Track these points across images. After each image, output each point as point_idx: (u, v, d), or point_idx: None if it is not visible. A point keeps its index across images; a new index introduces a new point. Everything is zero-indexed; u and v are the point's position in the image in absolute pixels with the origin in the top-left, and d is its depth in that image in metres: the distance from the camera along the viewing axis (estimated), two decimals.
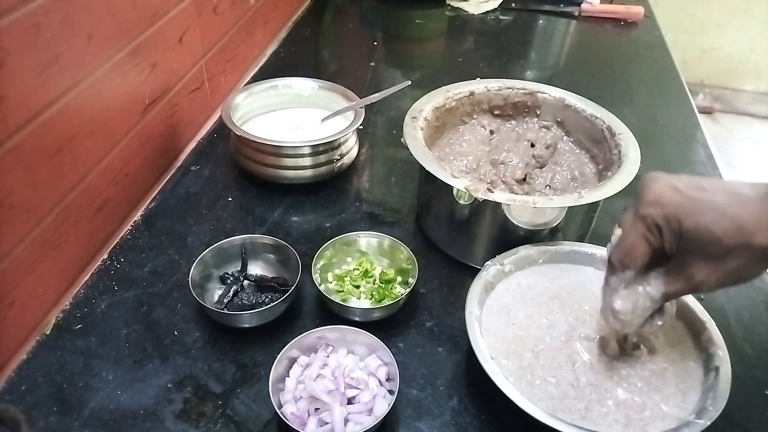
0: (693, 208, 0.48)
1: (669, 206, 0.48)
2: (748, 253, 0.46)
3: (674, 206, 0.48)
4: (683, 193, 0.48)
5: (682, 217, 0.48)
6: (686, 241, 0.48)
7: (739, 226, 0.46)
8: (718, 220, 0.47)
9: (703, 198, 0.48)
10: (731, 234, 0.46)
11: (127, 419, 0.58)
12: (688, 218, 0.48)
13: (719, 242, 0.47)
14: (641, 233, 0.51)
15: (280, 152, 0.83)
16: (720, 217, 0.47)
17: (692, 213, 0.48)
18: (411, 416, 0.59)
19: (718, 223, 0.46)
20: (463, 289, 0.65)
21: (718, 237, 0.47)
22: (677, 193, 0.48)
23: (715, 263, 0.48)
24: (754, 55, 2.82)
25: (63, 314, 0.68)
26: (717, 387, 0.54)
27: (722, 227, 0.46)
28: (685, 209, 0.48)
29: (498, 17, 1.45)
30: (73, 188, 0.69)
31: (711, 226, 0.47)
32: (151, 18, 0.80)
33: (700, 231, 0.47)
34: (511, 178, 0.76)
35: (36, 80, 0.60)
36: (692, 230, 0.48)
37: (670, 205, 0.48)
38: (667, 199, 0.49)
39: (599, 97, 0.85)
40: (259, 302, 0.67)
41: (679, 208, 0.48)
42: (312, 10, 1.45)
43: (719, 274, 0.48)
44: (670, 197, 0.49)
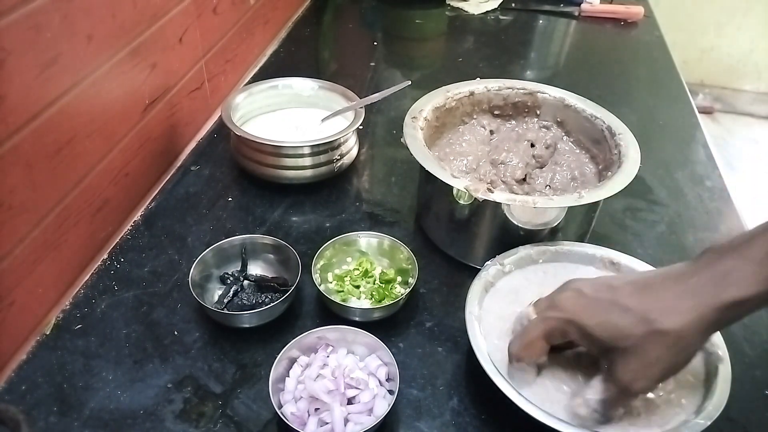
0: (596, 309, 0.49)
1: (571, 311, 0.50)
2: (661, 340, 0.47)
3: (577, 312, 0.50)
4: (587, 297, 0.50)
5: (584, 319, 0.49)
6: (598, 340, 0.49)
7: (642, 316, 0.47)
8: (622, 314, 0.48)
9: (606, 298, 0.49)
10: (635, 325, 0.47)
11: (127, 419, 0.58)
12: (590, 319, 0.49)
13: (628, 334, 0.47)
14: (541, 333, 0.52)
15: (280, 152, 0.83)
16: (623, 311, 0.48)
17: (595, 314, 0.49)
18: (411, 416, 0.59)
19: (621, 318, 0.48)
20: (463, 289, 0.65)
21: (624, 330, 0.47)
22: (582, 298, 0.50)
23: (636, 359, 0.48)
24: (754, 55, 2.82)
25: (63, 314, 0.68)
26: (717, 387, 0.54)
27: (626, 320, 0.47)
28: (588, 311, 0.49)
29: (498, 17, 1.45)
30: (73, 188, 0.69)
31: (615, 321, 0.48)
32: (151, 18, 0.80)
33: (605, 327, 0.48)
34: (511, 178, 0.76)
35: (36, 80, 0.60)
36: (597, 328, 0.49)
37: (573, 310, 0.50)
38: (571, 304, 0.51)
39: (599, 97, 0.85)
40: (259, 302, 0.67)
41: (582, 313, 0.50)
42: (312, 10, 1.45)
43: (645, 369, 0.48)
44: (573, 302, 0.51)
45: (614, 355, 0.49)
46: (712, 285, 0.46)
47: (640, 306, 0.47)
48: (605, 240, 0.77)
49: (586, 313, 0.50)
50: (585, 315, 0.49)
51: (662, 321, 0.46)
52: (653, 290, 0.48)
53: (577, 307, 0.50)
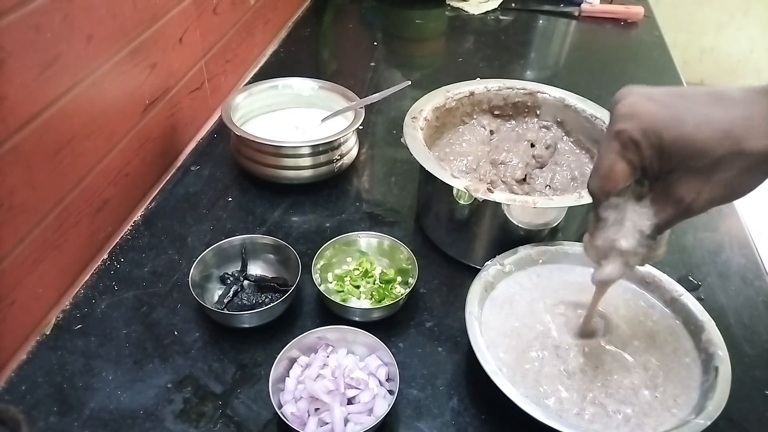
0: (672, 117, 0.42)
1: (645, 118, 0.43)
2: (739, 162, 0.41)
3: (651, 118, 0.43)
4: (660, 102, 0.43)
5: (661, 129, 0.42)
6: (668, 156, 0.43)
7: (726, 132, 0.41)
8: (702, 127, 0.41)
9: (683, 105, 0.42)
10: (718, 142, 0.41)
11: (127, 419, 0.58)
12: (667, 129, 0.42)
13: (705, 153, 0.41)
14: (617, 152, 0.45)
15: (280, 152, 0.83)
16: (704, 124, 0.41)
17: (672, 123, 0.42)
18: (411, 416, 0.59)
19: (702, 131, 0.41)
20: (463, 289, 0.65)
21: (703, 147, 0.41)
22: (653, 102, 0.43)
23: (703, 178, 0.42)
24: (754, 55, 2.82)
25: (63, 314, 0.68)
26: (717, 387, 0.54)
27: (707, 135, 0.41)
28: (664, 120, 0.42)
29: (498, 17, 1.45)
30: (73, 188, 0.69)
31: (694, 135, 0.41)
32: (151, 18, 0.80)
33: (683, 142, 0.42)
34: (511, 178, 0.76)
35: (36, 80, 0.60)
36: (674, 142, 0.42)
37: (647, 116, 0.43)
38: (643, 110, 0.43)
39: (599, 97, 0.85)
40: (259, 302, 0.67)
41: (656, 120, 0.43)
42: (312, 10, 1.45)
43: (710, 189, 0.43)
44: (645, 108, 0.43)
45: (679, 173, 0.44)
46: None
47: (725, 119, 0.41)
48: None
49: (660, 121, 0.42)
50: (660, 124, 0.42)
51: (749, 141, 0.40)
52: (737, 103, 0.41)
53: (650, 112, 0.43)
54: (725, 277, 0.76)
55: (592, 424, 0.53)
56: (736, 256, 0.79)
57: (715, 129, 0.41)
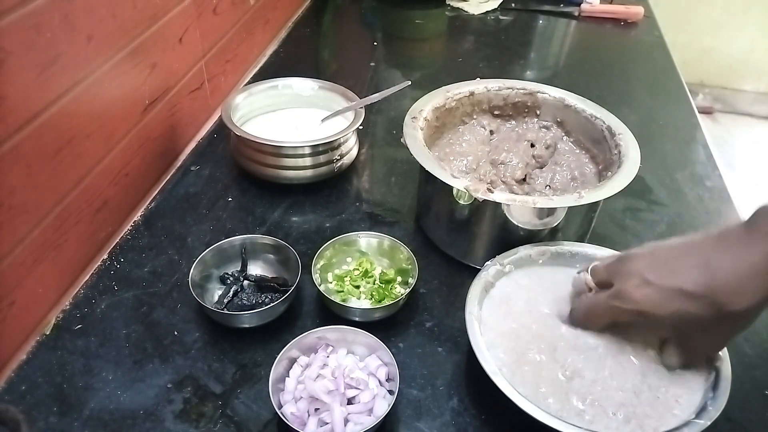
0: (664, 300, 0.51)
1: (640, 303, 0.52)
2: (729, 320, 0.51)
3: (645, 302, 0.52)
4: (653, 286, 0.52)
5: (656, 311, 0.52)
6: (671, 328, 0.55)
7: (711, 301, 0.49)
8: (691, 302, 0.50)
9: (672, 286, 0.51)
10: (706, 309, 0.50)
11: (127, 419, 0.58)
12: (661, 310, 0.52)
13: (700, 321, 0.51)
14: (609, 316, 0.57)
15: (280, 152, 0.83)
16: (692, 299, 0.50)
17: (664, 305, 0.51)
18: (411, 416, 0.59)
19: (691, 305, 0.50)
20: (463, 289, 0.65)
21: (695, 317, 0.50)
22: (647, 287, 0.52)
23: (709, 336, 0.54)
24: (754, 55, 2.82)
25: (63, 314, 0.68)
26: (717, 387, 0.54)
27: (696, 307, 0.50)
28: (657, 303, 0.52)
29: (498, 17, 1.45)
30: (73, 188, 0.69)
31: (685, 309, 0.51)
32: (151, 18, 0.80)
33: (677, 317, 0.51)
34: (511, 178, 0.76)
35: (36, 80, 0.60)
36: (669, 318, 0.52)
37: (641, 302, 0.52)
38: (639, 296, 0.52)
39: (599, 97, 0.85)
40: (259, 302, 0.67)
41: (650, 304, 0.52)
42: (312, 10, 1.45)
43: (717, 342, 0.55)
44: (641, 294, 0.52)
45: (686, 336, 0.55)
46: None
47: (707, 291, 0.49)
48: (605, 240, 0.77)
49: (654, 305, 0.52)
50: (654, 307, 0.52)
51: (730, 304, 0.49)
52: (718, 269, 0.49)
53: (644, 299, 0.52)
54: None
55: (593, 424, 0.53)
56: None
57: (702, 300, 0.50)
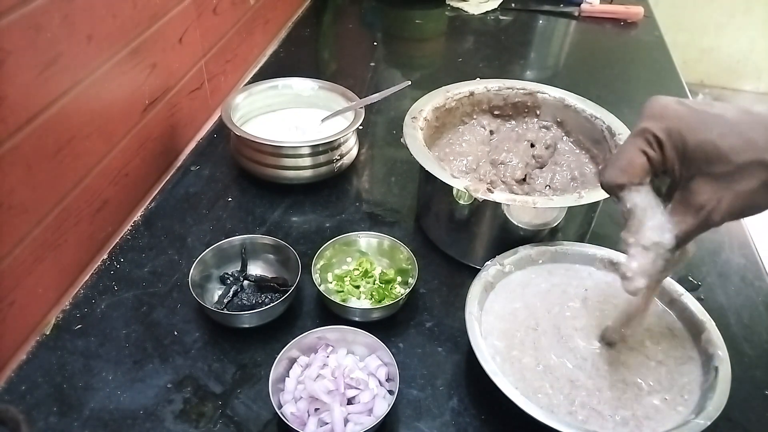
0: (699, 121, 0.43)
1: (672, 119, 0.44)
2: (759, 173, 0.42)
3: (678, 119, 0.44)
4: (689, 107, 0.44)
5: (686, 132, 0.43)
6: (691, 160, 0.44)
7: (749, 141, 0.42)
8: (727, 134, 0.42)
9: (710, 112, 0.43)
10: (741, 150, 0.42)
11: (127, 419, 0.58)
12: (692, 133, 0.43)
13: (727, 159, 0.42)
14: (639, 147, 0.45)
15: (280, 152, 0.83)
16: (729, 132, 0.42)
17: (698, 127, 0.43)
18: (411, 416, 0.59)
19: (726, 138, 0.42)
20: (463, 289, 0.65)
21: (725, 153, 0.42)
22: (683, 106, 0.44)
23: (724, 186, 0.43)
24: (754, 55, 2.82)
25: (63, 314, 0.68)
26: (717, 387, 0.54)
27: (730, 142, 0.42)
28: (690, 123, 0.43)
29: (498, 17, 1.45)
30: (73, 188, 0.69)
31: (718, 140, 0.42)
32: (151, 18, 0.80)
33: (706, 146, 0.43)
34: (511, 178, 0.76)
35: (36, 80, 0.60)
36: (697, 145, 0.43)
37: (674, 117, 0.44)
38: (672, 111, 0.44)
39: (599, 97, 0.85)
40: (259, 302, 0.67)
41: (683, 122, 0.44)
42: (312, 10, 1.45)
43: (731, 198, 0.43)
44: (674, 110, 0.44)
45: (701, 179, 0.44)
46: None
47: (749, 128, 0.42)
48: (605, 240, 0.77)
49: (687, 123, 0.44)
50: (686, 126, 0.44)
51: None
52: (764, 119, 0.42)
53: (678, 114, 0.44)
54: (725, 277, 0.76)
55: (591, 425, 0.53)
56: (736, 256, 0.79)
57: (740, 137, 0.42)
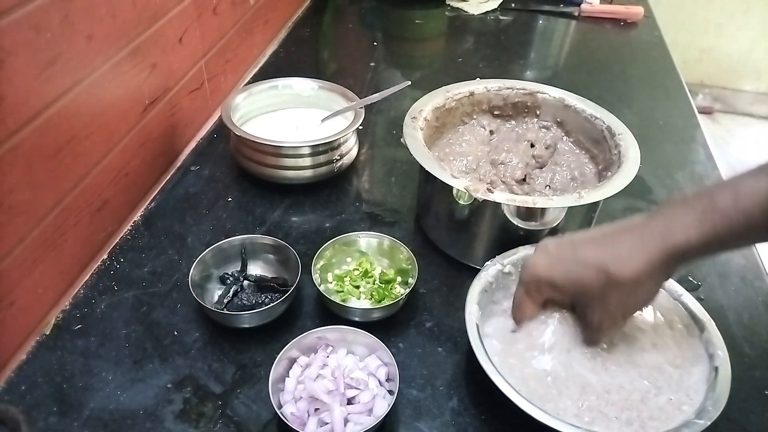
0: (561, 266, 0.55)
1: (541, 272, 0.56)
2: (618, 289, 0.52)
3: (545, 270, 0.56)
4: (553, 256, 0.56)
5: (554, 277, 0.55)
6: (569, 294, 0.56)
7: (599, 267, 0.52)
8: (583, 268, 0.53)
9: (569, 255, 0.55)
10: (596, 276, 0.52)
11: (127, 419, 0.58)
12: (558, 276, 0.55)
13: (591, 286, 0.53)
14: (523, 294, 0.58)
15: (280, 152, 0.83)
16: (584, 265, 0.53)
17: (561, 271, 0.55)
18: (411, 416, 0.59)
19: (583, 271, 0.53)
20: (463, 289, 0.65)
21: (586, 283, 0.53)
22: (549, 258, 0.56)
23: (601, 306, 0.54)
24: (754, 55, 2.82)
25: (63, 314, 0.68)
26: (717, 387, 0.54)
27: (587, 274, 0.53)
28: (555, 270, 0.55)
29: (498, 17, 1.45)
30: (73, 188, 0.69)
31: (578, 275, 0.54)
32: (151, 18, 0.80)
33: (572, 283, 0.55)
34: (511, 178, 0.76)
35: (36, 80, 0.60)
36: (566, 285, 0.55)
37: (542, 270, 0.56)
38: (540, 266, 0.56)
39: (599, 97, 0.85)
40: (259, 302, 0.67)
41: (550, 271, 0.56)
42: (312, 10, 1.45)
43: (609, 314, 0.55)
44: (542, 264, 0.56)
45: (583, 305, 0.56)
46: (659, 233, 0.50)
47: (597, 258, 0.53)
48: None
49: (553, 271, 0.56)
50: (553, 273, 0.55)
51: (617, 271, 0.51)
52: (610, 241, 0.53)
53: (545, 267, 0.56)
54: (725, 277, 0.76)
55: (593, 425, 0.53)
56: (736, 256, 0.79)
57: (593, 267, 0.53)
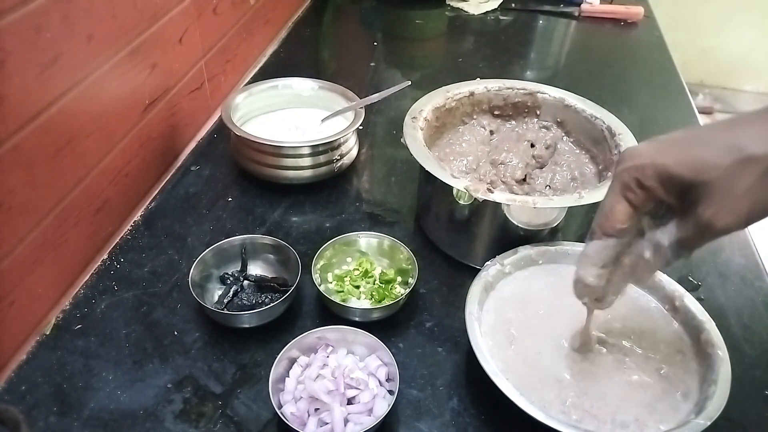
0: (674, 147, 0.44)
1: (645, 155, 0.44)
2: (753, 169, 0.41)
3: (652, 153, 0.44)
4: (660, 140, 0.45)
5: (662, 159, 0.44)
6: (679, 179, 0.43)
7: (729, 145, 0.41)
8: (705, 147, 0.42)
9: (683, 136, 0.45)
10: (724, 153, 0.41)
11: (127, 419, 0.58)
12: (669, 157, 0.43)
13: (714, 166, 0.42)
14: (618, 192, 0.46)
15: (280, 152, 0.83)
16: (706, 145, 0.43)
17: (674, 150, 0.44)
18: (411, 416, 0.59)
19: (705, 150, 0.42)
20: (463, 289, 0.65)
21: (710, 161, 0.42)
22: (653, 142, 0.45)
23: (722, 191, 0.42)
24: (754, 55, 2.82)
25: (63, 314, 0.68)
26: (717, 387, 0.54)
27: (711, 152, 0.42)
28: (665, 151, 0.44)
29: (498, 17, 1.45)
30: (73, 188, 0.69)
31: (698, 153, 0.42)
32: (151, 18, 0.80)
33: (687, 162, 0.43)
34: (511, 179, 0.76)
35: (36, 80, 0.60)
36: (677, 166, 0.43)
37: (647, 153, 0.44)
38: (642, 149, 0.45)
39: (599, 97, 0.85)
40: (259, 302, 0.67)
41: (658, 153, 0.44)
42: (312, 10, 1.45)
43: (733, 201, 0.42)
44: (645, 148, 0.45)
45: (696, 193, 0.43)
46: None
47: (726, 135, 0.42)
48: None
49: (662, 153, 0.44)
50: (661, 155, 0.44)
51: (755, 147, 0.41)
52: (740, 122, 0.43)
53: (651, 150, 0.44)
54: (725, 277, 0.76)
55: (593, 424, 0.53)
56: (736, 256, 0.79)
57: (719, 145, 0.42)
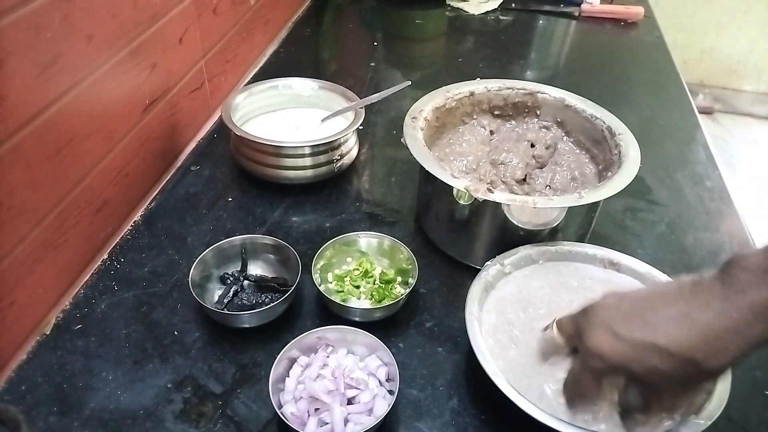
0: (637, 354, 0.47)
1: (613, 358, 0.48)
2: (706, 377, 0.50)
3: (618, 357, 0.48)
4: (624, 340, 0.48)
5: (630, 365, 0.48)
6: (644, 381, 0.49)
7: (688, 359, 0.46)
8: (668, 359, 0.46)
9: (645, 340, 0.47)
10: (683, 368, 0.46)
11: (127, 419, 0.58)
12: (635, 364, 0.48)
13: (675, 377, 0.47)
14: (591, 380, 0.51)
15: (280, 152, 0.83)
16: (669, 356, 0.46)
17: (637, 359, 0.47)
18: (411, 416, 0.59)
19: (668, 363, 0.46)
20: (463, 289, 0.65)
21: (673, 376, 0.47)
22: (618, 341, 0.48)
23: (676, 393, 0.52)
24: (754, 55, 2.82)
25: (63, 314, 0.68)
26: (717, 387, 0.54)
27: (672, 366, 0.46)
28: (630, 357, 0.48)
29: (498, 17, 1.45)
30: (73, 188, 0.69)
31: (660, 367, 0.47)
32: (151, 18, 0.80)
33: (652, 373, 0.47)
34: (511, 179, 0.76)
35: (36, 80, 0.60)
36: (644, 374, 0.48)
37: (614, 356, 0.48)
38: (610, 350, 0.48)
39: (599, 97, 0.85)
40: (259, 302, 0.67)
41: (623, 358, 0.48)
42: (312, 10, 1.45)
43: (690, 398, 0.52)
44: (612, 348, 0.48)
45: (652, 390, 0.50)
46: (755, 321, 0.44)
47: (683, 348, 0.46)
48: (605, 240, 0.77)
49: (630, 360, 0.48)
50: (631, 362, 0.48)
51: (709, 363, 0.45)
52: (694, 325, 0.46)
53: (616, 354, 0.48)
54: None
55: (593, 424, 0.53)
56: None
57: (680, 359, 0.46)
